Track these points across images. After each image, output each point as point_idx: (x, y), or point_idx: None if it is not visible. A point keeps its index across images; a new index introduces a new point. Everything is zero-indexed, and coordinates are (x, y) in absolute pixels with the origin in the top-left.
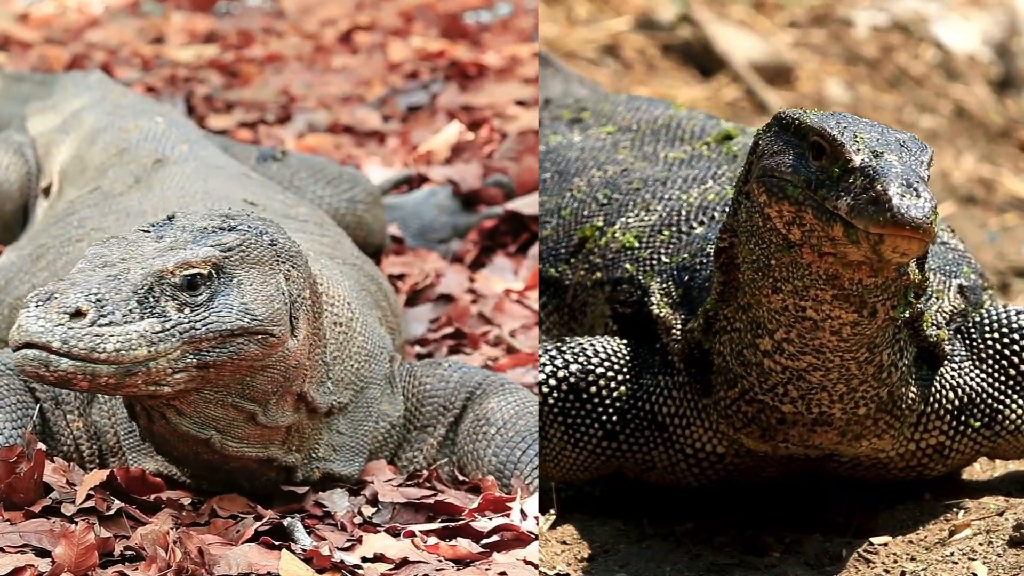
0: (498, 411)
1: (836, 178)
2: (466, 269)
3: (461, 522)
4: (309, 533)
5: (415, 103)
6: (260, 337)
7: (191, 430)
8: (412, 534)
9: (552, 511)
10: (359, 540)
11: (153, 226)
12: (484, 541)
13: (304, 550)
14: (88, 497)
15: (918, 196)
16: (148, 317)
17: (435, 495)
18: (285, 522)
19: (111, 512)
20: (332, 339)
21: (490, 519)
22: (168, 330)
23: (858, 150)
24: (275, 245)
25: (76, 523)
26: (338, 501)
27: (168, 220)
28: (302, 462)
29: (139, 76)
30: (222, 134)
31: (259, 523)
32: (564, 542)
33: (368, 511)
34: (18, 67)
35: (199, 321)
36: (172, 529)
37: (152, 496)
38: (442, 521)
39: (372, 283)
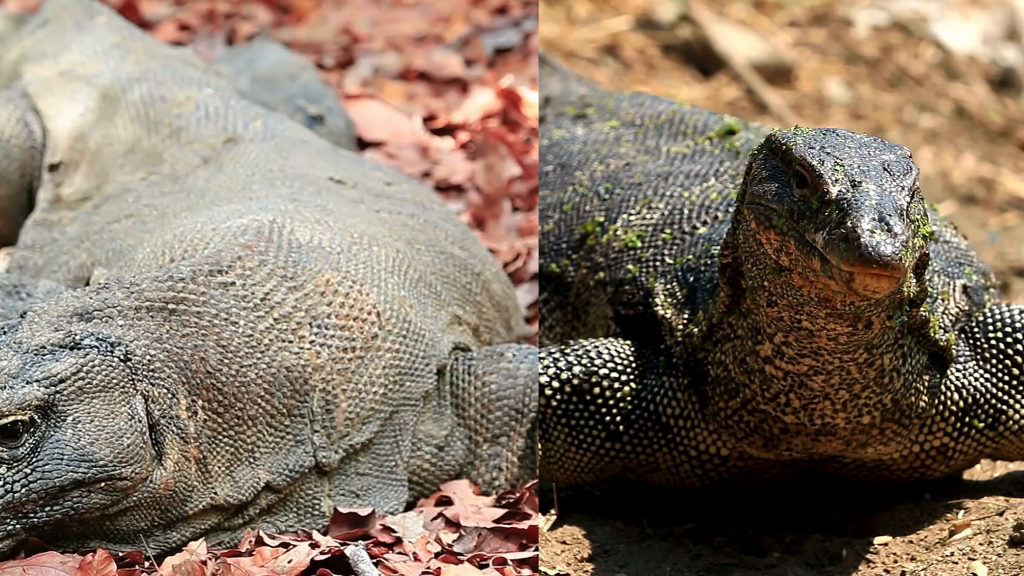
0: None
1: (815, 209)
2: None
3: None
4: (376, 564)
5: (504, 44)
6: (104, 484)
7: None
8: (503, 562)
9: (552, 511)
10: (436, 572)
11: None
12: None
13: None
14: None
15: (889, 231)
16: None
17: (528, 518)
18: (347, 551)
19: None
20: (336, 374)
21: None
22: None
23: (836, 180)
24: (129, 360)
25: (94, 552)
26: (411, 525)
27: (17, 321)
28: (295, 522)
29: (170, 12)
30: None
31: (315, 552)
32: (564, 542)
33: (448, 537)
34: (22, 4)
35: (18, 482)
36: (210, 559)
37: None
38: (536, 550)
39: (464, 273)
